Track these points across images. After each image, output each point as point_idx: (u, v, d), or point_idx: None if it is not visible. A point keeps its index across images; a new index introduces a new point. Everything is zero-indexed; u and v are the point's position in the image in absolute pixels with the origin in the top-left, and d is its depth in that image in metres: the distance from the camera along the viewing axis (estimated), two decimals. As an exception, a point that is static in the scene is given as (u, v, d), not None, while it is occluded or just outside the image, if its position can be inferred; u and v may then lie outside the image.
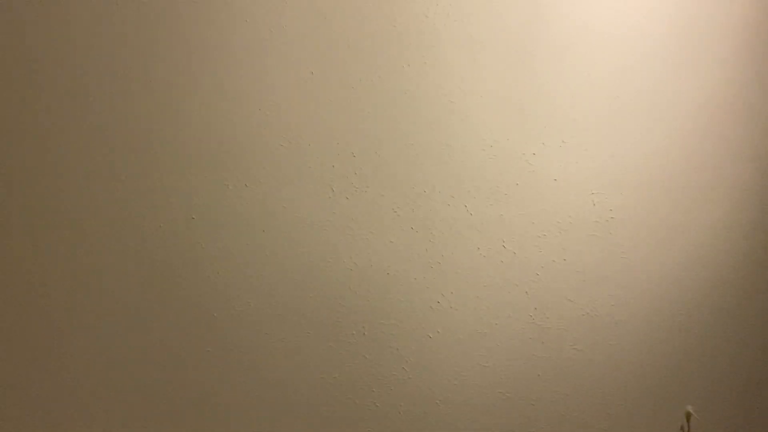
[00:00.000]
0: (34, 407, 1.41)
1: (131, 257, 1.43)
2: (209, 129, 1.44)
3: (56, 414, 1.42)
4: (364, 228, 1.54)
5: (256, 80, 1.45)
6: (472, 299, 1.62)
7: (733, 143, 1.76)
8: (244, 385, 1.51)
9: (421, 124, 1.55)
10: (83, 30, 1.37)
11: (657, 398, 1.78)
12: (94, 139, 1.39)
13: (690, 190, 1.74)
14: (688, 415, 1.80)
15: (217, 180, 1.45)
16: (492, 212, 1.61)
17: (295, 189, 1.49)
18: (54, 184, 1.38)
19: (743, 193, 1.78)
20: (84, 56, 1.37)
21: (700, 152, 1.73)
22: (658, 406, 1.78)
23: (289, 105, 1.47)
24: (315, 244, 1.51)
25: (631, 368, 1.75)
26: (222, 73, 1.44)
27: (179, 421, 1.48)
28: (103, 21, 1.37)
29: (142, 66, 1.40)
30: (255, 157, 1.47)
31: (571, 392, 1.71)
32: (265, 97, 1.46)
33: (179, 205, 1.44)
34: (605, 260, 1.69)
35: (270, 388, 1.52)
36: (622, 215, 1.69)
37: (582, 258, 1.67)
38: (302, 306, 1.52)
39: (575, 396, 1.72)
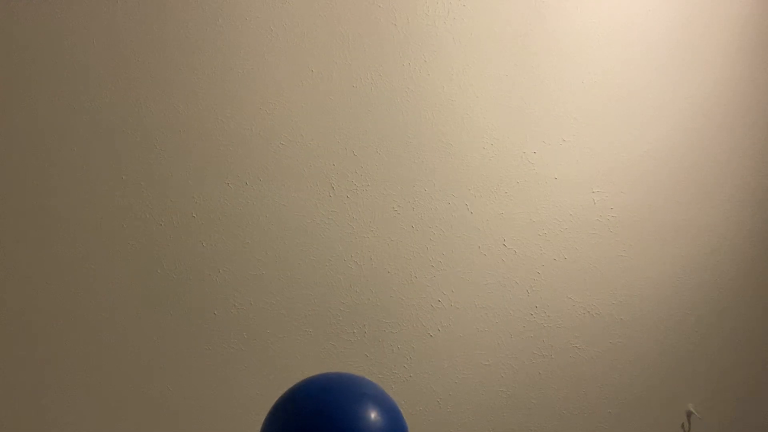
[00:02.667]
0: (34, 406, 1.41)
1: (132, 256, 1.42)
2: (209, 127, 1.44)
3: (54, 412, 1.42)
4: (365, 226, 1.54)
5: (257, 78, 1.45)
6: (472, 298, 1.62)
7: (734, 142, 1.76)
8: (244, 383, 1.51)
9: (422, 122, 1.55)
10: (85, 28, 1.37)
11: (658, 397, 1.78)
12: (94, 138, 1.39)
13: (690, 189, 1.74)
14: (689, 414, 1.80)
15: (217, 178, 1.45)
16: (492, 211, 1.60)
17: (295, 187, 1.49)
18: (55, 183, 1.38)
19: (743, 193, 1.78)
20: (85, 55, 1.37)
21: (701, 151, 1.73)
22: (659, 405, 1.78)
23: (289, 103, 1.47)
24: (315, 242, 1.51)
25: (631, 367, 1.75)
26: (222, 72, 1.43)
27: (178, 419, 1.48)
28: (104, 20, 1.37)
29: (143, 64, 1.40)
30: (255, 156, 1.47)
31: (572, 391, 1.71)
32: (265, 95, 1.46)
33: (179, 203, 1.44)
34: (606, 259, 1.69)
35: (270, 386, 1.52)
36: (622, 214, 1.69)
37: (583, 256, 1.67)
38: (303, 304, 1.52)
39: (576, 394, 1.71)
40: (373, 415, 0.83)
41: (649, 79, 1.67)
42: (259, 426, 0.89)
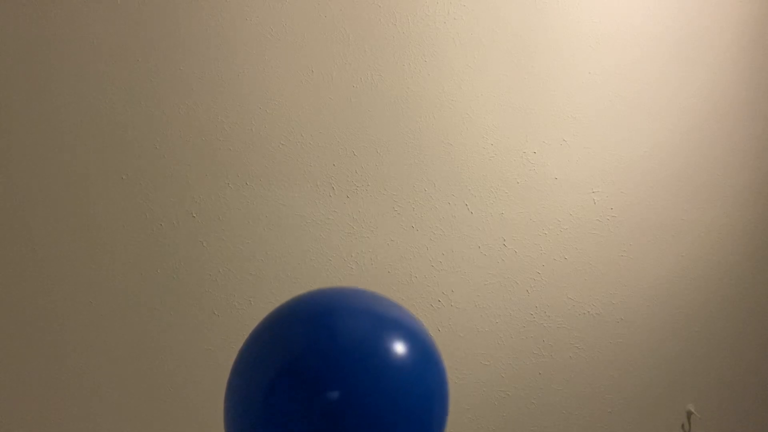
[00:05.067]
0: (34, 405, 1.41)
1: (132, 255, 1.42)
2: (210, 127, 1.44)
3: (54, 411, 1.42)
4: (365, 226, 1.54)
5: (257, 78, 1.45)
6: (472, 298, 1.62)
7: (734, 142, 1.76)
8: (245, 383, 1.50)
9: (422, 122, 1.55)
10: (85, 28, 1.37)
11: (658, 397, 1.78)
12: (95, 137, 1.39)
13: (690, 189, 1.74)
14: (689, 414, 1.80)
15: (217, 178, 1.45)
16: (493, 211, 1.61)
17: (295, 187, 1.49)
18: (55, 182, 1.38)
19: (743, 193, 1.78)
20: (85, 55, 1.37)
21: (701, 151, 1.73)
22: (659, 405, 1.78)
23: (289, 103, 1.47)
24: (315, 242, 1.51)
25: (631, 367, 1.75)
26: (223, 72, 1.43)
27: (179, 420, 1.48)
28: (104, 20, 1.37)
29: (143, 64, 1.40)
30: (255, 156, 1.47)
31: (572, 390, 1.71)
32: (265, 96, 1.46)
33: (180, 203, 1.44)
34: (606, 259, 1.69)
35: (271, 386, 1.51)
36: (622, 214, 1.69)
37: (583, 256, 1.67)
38: (303, 304, 1.52)
39: (576, 394, 1.71)
40: (395, 342, 0.56)
41: (650, 80, 1.67)
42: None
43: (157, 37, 1.40)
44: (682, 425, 1.80)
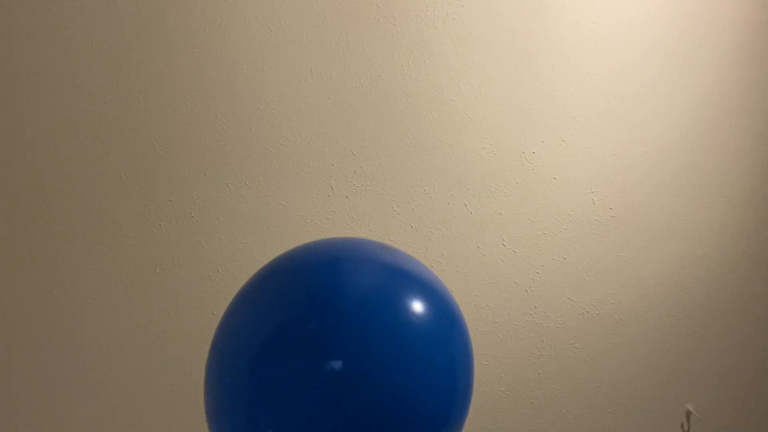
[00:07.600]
0: (34, 405, 1.41)
1: (131, 255, 1.43)
2: (209, 127, 1.44)
3: (53, 410, 1.42)
4: (364, 226, 1.54)
5: (256, 78, 1.45)
6: (472, 298, 1.62)
7: (733, 142, 1.76)
8: (245, 383, 1.50)
9: (421, 122, 1.55)
10: (85, 29, 1.37)
11: (657, 397, 1.78)
12: (94, 137, 1.39)
13: (690, 188, 1.74)
14: (689, 414, 1.80)
15: (216, 178, 1.45)
16: (492, 211, 1.61)
17: (294, 187, 1.49)
18: (55, 182, 1.38)
19: (743, 193, 1.78)
20: (85, 54, 1.38)
21: (700, 151, 1.74)
22: (659, 405, 1.78)
23: (288, 103, 1.48)
24: (315, 242, 1.51)
25: (631, 367, 1.75)
26: (222, 72, 1.44)
27: (178, 421, 1.48)
28: (104, 20, 1.38)
29: (143, 64, 1.40)
30: (255, 156, 1.47)
31: (571, 390, 1.71)
32: (264, 96, 1.46)
33: (179, 203, 1.44)
34: (605, 258, 1.69)
35: (270, 386, 1.51)
36: (621, 213, 1.69)
37: (582, 256, 1.67)
38: (302, 304, 1.52)
39: (575, 394, 1.71)
40: (412, 298, 0.43)
41: (649, 79, 1.67)
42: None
43: (156, 37, 1.40)
44: (682, 425, 1.80)
